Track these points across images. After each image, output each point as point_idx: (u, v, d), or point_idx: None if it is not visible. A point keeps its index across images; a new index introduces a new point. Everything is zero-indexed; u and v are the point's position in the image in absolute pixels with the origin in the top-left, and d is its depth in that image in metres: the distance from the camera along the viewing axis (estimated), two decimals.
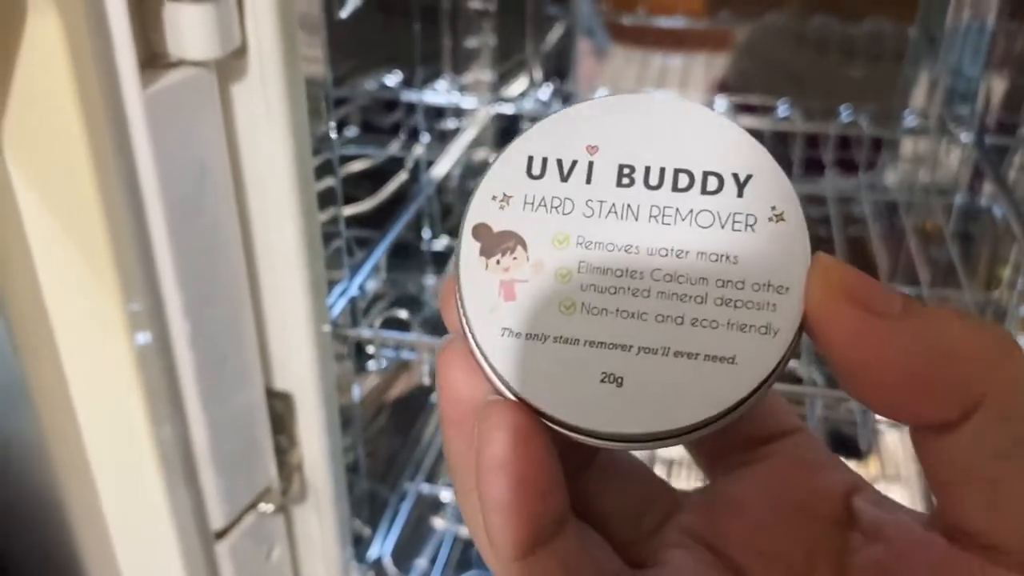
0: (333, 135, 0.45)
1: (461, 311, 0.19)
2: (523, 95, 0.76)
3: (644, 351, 0.19)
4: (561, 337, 0.19)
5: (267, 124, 0.38)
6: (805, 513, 0.20)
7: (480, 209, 0.19)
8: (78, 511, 0.41)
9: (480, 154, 0.75)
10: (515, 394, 0.19)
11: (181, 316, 0.37)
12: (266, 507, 0.45)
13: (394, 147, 0.70)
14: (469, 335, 0.19)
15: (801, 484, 0.21)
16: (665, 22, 0.87)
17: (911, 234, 0.69)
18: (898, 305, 0.17)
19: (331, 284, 0.47)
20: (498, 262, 0.19)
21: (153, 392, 0.37)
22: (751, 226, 0.19)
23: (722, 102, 0.76)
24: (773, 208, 0.19)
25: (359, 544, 0.56)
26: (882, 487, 0.20)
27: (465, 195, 0.76)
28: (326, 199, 0.45)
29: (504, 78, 0.77)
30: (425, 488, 0.61)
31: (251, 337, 0.42)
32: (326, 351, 0.44)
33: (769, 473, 0.21)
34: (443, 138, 0.72)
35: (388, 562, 0.55)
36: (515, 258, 0.19)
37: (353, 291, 0.48)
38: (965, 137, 0.64)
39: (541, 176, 0.19)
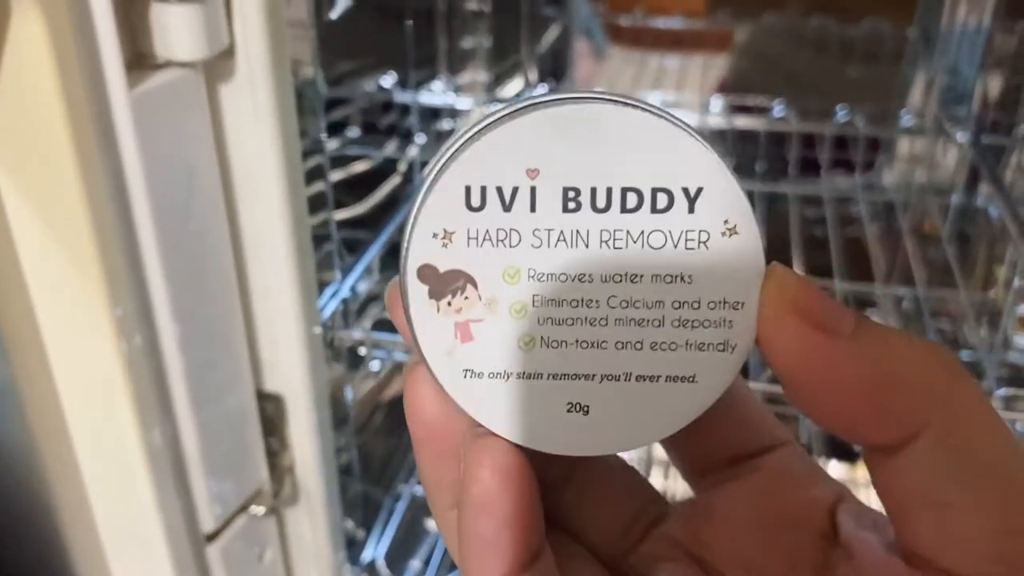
0: (324, 137, 0.44)
1: (419, 354, 0.19)
2: (518, 96, 0.76)
3: (607, 379, 0.19)
4: (524, 373, 0.19)
5: (255, 125, 0.38)
6: (790, 527, 0.20)
7: (422, 248, 0.19)
8: (68, 514, 0.41)
9: None
10: (480, 424, 0.19)
11: (170, 319, 0.37)
12: (257, 509, 0.45)
13: (390, 148, 0.70)
14: (430, 371, 0.19)
15: (787, 498, 0.21)
16: (663, 23, 0.87)
17: (908, 234, 0.69)
18: (850, 324, 0.17)
19: (323, 286, 0.47)
20: (449, 303, 0.19)
21: (142, 395, 0.37)
22: (704, 243, 0.18)
23: (718, 102, 0.76)
24: (726, 222, 0.18)
25: (352, 546, 0.55)
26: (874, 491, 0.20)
27: None
28: (317, 202, 0.44)
29: (500, 79, 0.77)
30: (419, 490, 0.61)
31: (241, 339, 0.42)
32: (317, 353, 0.44)
33: (755, 487, 0.21)
34: (439, 139, 0.72)
35: (381, 564, 0.55)
36: (467, 298, 0.19)
37: (344, 293, 0.48)
38: (961, 137, 0.63)
39: (482, 207, 0.18)
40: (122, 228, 0.34)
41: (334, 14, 0.49)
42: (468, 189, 0.18)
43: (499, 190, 0.18)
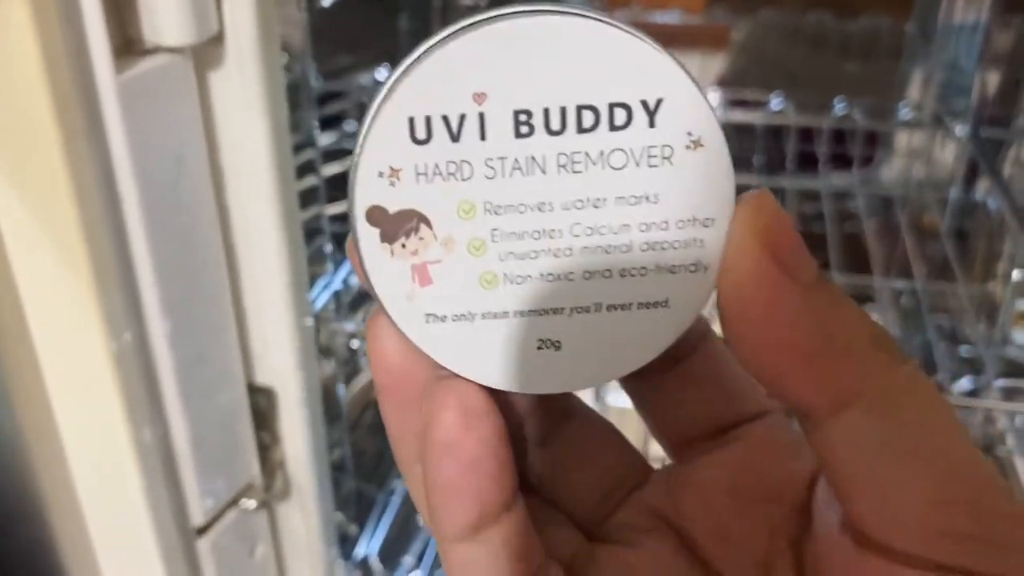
0: (316, 130, 0.44)
1: (377, 303, 0.18)
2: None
3: (577, 311, 0.18)
4: (489, 313, 0.18)
5: (245, 112, 0.37)
6: (769, 499, 0.20)
7: (368, 189, 0.17)
8: (57, 509, 0.40)
9: None
10: (455, 373, 0.18)
11: (159, 313, 0.37)
12: (248, 503, 0.44)
13: None
14: (395, 325, 0.18)
15: (766, 469, 0.20)
16: (660, 18, 0.86)
17: (906, 229, 0.68)
18: (811, 274, 0.16)
19: (315, 279, 0.47)
20: (403, 246, 0.18)
21: (131, 390, 0.36)
22: (667, 158, 0.17)
23: (715, 96, 0.75)
24: (689, 134, 0.17)
25: (345, 542, 0.55)
26: None
27: None
28: (310, 196, 0.44)
29: None
30: None
31: (232, 332, 0.41)
32: (308, 345, 0.43)
33: (735, 457, 0.20)
34: None
35: (375, 560, 0.54)
36: (421, 238, 0.18)
37: (336, 285, 0.47)
38: (960, 131, 0.63)
39: (428, 140, 0.17)
40: (110, 218, 0.34)
41: (326, 2, 0.49)
42: (412, 120, 0.17)
43: (445, 119, 0.17)
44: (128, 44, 0.34)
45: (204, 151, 0.37)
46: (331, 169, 0.65)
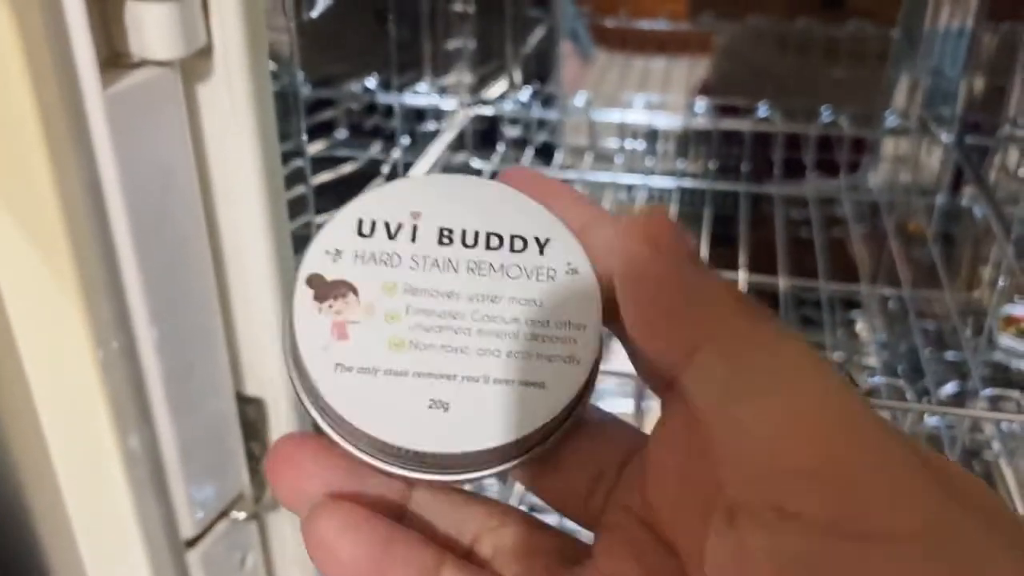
0: (304, 139, 0.44)
1: (292, 354, 0.21)
2: (502, 97, 0.76)
3: (467, 380, 0.21)
4: (391, 370, 0.21)
5: (234, 125, 0.37)
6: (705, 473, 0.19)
7: (313, 261, 0.22)
8: (45, 521, 0.40)
9: (460, 157, 0.75)
10: (345, 423, 0.20)
11: (147, 323, 0.36)
12: (238, 514, 0.44)
13: (374, 150, 0.70)
14: (302, 371, 0.21)
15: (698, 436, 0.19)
16: (647, 25, 0.87)
17: (893, 235, 0.69)
18: (684, 252, 0.19)
19: None
20: (330, 306, 0.21)
21: (119, 400, 0.36)
22: (552, 277, 0.22)
23: (702, 104, 0.76)
24: (569, 263, 0.22)
25: None
26: None
27: None
28: (299, 205, 0.44)
29: (485, 80, 0.77)
30: None
31: (220, 342, 0.41)
32: None
33: (673, 425, 0.21)
34: (424, 140, 0.72)
35: None
36: (347, 303, 0.21)
37: None
38: (946, 138, 0.63)
39: (371, 235, 0.22)
40: (97, 230, 0.34)
41: (314, 12, 0.49)
42: (360, 220, 0.22)
43: (386, 223, 0.22)
44: (115, 57, 0.34)
45: (192, 163, 0.37)
46: (322, 177, 0.65)
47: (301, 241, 0.45)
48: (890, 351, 0.67)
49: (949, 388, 0.55)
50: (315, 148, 0.66)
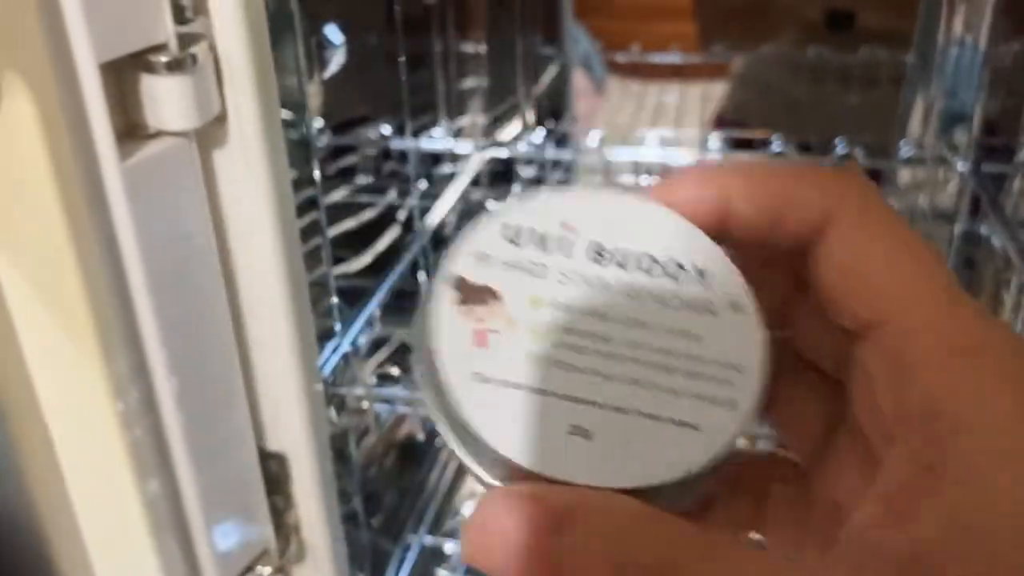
0: (318, 191, 0.45)
1: (426, 357, 0.20)
2: (516, 139, 0.76)
3: (613, 409, 0.19)
4: (531, 387, 0.19)
5: (249, 188, 0.38)
6: None
7: (457, 263, 0.20)
8: (70, 573, 0.40)
9: (475, 195, 0.75)
10: (472, 434, 0.19)
11: (167, 382, 0.37)
12: (264, 569, 0.44)
13: (391, 195, 0.70)
14: (435, 376, 0.19)
15: None
16: (660, 58, 0.87)
17: None
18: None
19: (323, 340, 0.47)
20: (473, 311, 0.20)
21: (139, 449, 0.37)
22: (711, 311, 0.20)
23: (716, 138, 0.76)
24: (731, 298, 0.21)
25: None
26: None
27: None
28: (315, 257, 0.45)
29: (499, 120, 0.77)
30: (428, 540, 0.61)
31: (241, 400, 0.42)
32: (319, 410, 0.44)
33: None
34: (440, 183, 0.72)
35: None
36: (490, 310, 0.20)
37: (345, 347, 0.48)
38: (961, 166, 0.63)
39: (520, 243, 0.21)
40: (116, 295, 0.34)
41: (327, 74, 0.50)
42: (510, 227, 0.21)
43: (538, 233, 0.21)
44: (132, 129, 0.35)
45: (209, 226, 0.38)
46: (345, 225, 0.65)
47: (319, 294, 0.46)
48: None
49: None
50: (336, 195, 0.67)
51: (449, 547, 0.61)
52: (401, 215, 0.69)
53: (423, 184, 0.70)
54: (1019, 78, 0.61)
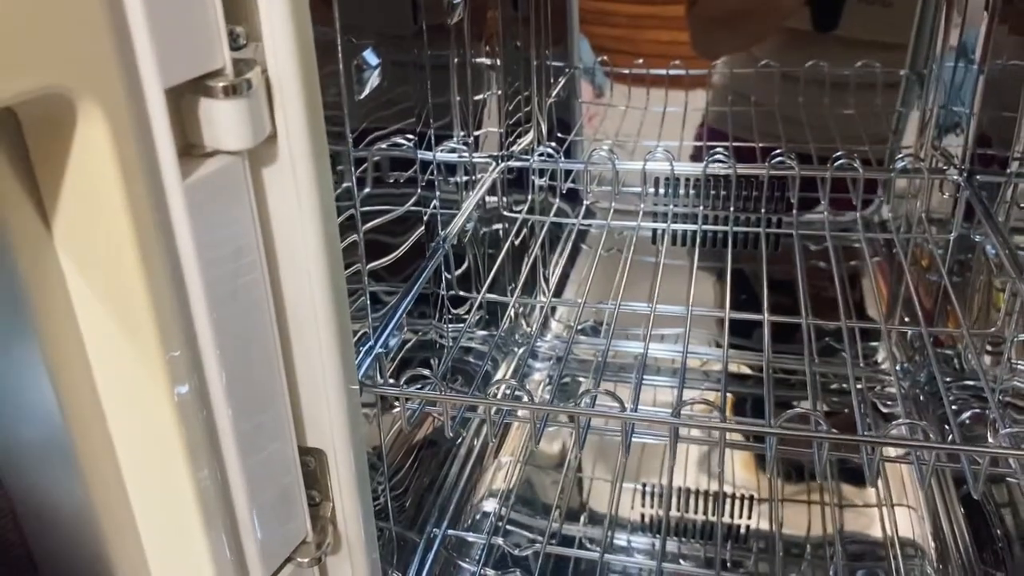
0: (354, 207, 0.47)
1: None
2: (530, 150, 0.79)
3: None
4: None
5: (297, 203, 0.40)
6: None
7: None
8: (122, 566, 0.43)
9: (492, 200, 0.78)
10: None
11: (219, 384, 0.40)
12: (302, 559, 0.47)
13: (412, 201, 0.73)
14: None
15: None
16: (661, 72, 0.90)
17: (909, 267, 0.71)
18: None
19: (358, 343, 0.50)
20: None
21: (193, 439, 0.39)
22: None
23: (719, 150, 0.78)
24: None
25: None
26: (887, 511, 0.22)
27: (480, 244, 0.78)
28: (349, 252, 0.47)
29: (514, 130, 0.80)
30: (451, 532, 0.63)
31: (284, 399, 0.44)
32: (355, 409, 0.46)
33: None
34: (458, 191, 0.75)
35: None
36: None
37: (378, 348, 0.50)
38: (955, 175, 0.66)
39: None
40: (175, 299, 0.37)
41: (363, 93, 0.53)
42: None
43: None
44: (190, 148, 0.37)
45: (259, 238, 0.40)
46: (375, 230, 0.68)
47: (352, 293, 0.48)
48: (910, 379, 0.69)
49: (968, 415, 0.57)
50: (364, 205, 0.70)
51: (471, 538, 0.63)
52: (422, 222, 0.72)
53: (442, 191, 0.73)
54: (1012, 90, 0.64)
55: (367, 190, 0.72)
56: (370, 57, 0.52)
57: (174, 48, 0.34)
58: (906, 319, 0.70)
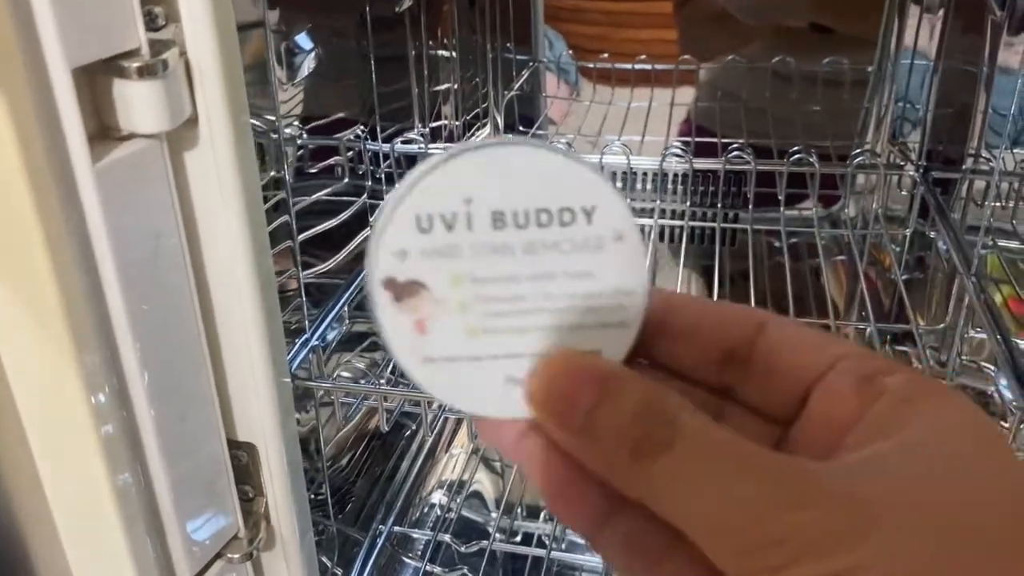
0: (286, 193, 0.46)
1: (392, 354, 0.24)
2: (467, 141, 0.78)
3: (533, 356, 0.24)
4: (470, 356, 0.24)
5: (219, 188, 0.39)
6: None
7: (384, 265, 0.23)
8: (44, 570, 0.42)
9: None
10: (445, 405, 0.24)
11: (138, 375, 0.38)
12: (233, 556, 0.46)
13: (365, 195, 0.72)
14: (400, 367, 0.24)
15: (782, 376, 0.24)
16: (635, 66, 0.89)
17: (866, 264, 0.70)
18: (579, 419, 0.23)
19: (295, 336, 0.49)
20: (408, 305, 0.23)
21: (111, 441, 0.38)
22: (600, 247, 0.24)
23: (677, 144, 0.78)
24: (615, 230, 0.24)
25: None
26: None
27: None
28: (285, 256, 0.46)
29: (470, 124, 0.79)
30: (396, 529, 0.63)
31: (211, 391, 0.43)
32: (287, 402, 0.45)
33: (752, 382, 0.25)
34: None
35: None
36: (421, 299, 0.23)
37: (314, 341, 0.49)
38: (911, 171, 0.65)
39: (430, 230, 0.23)
40: (89, 293, 0.36)
41: (296, 79, 0.51)
42: (418, 217, 0.23)
43: (442, 216, 0.23)
44: (105, 131, 0.36)
45: (180, 226, 0.39)
46: (321, 220, 0.67)
47: (289, 291, 0.47)
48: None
49: None
50: (310, 196, 0.69)
51: (415, 534, 0.62)
52: (371, 216, 0.71)
53: (393, 186, 0.72)
54: (966, 89, 0.63)
55: (310, 182, 0.71)
56: (303, 41, 0.51)
57: (83, 26, 0.33)
58: (864, 316, 0.70)
